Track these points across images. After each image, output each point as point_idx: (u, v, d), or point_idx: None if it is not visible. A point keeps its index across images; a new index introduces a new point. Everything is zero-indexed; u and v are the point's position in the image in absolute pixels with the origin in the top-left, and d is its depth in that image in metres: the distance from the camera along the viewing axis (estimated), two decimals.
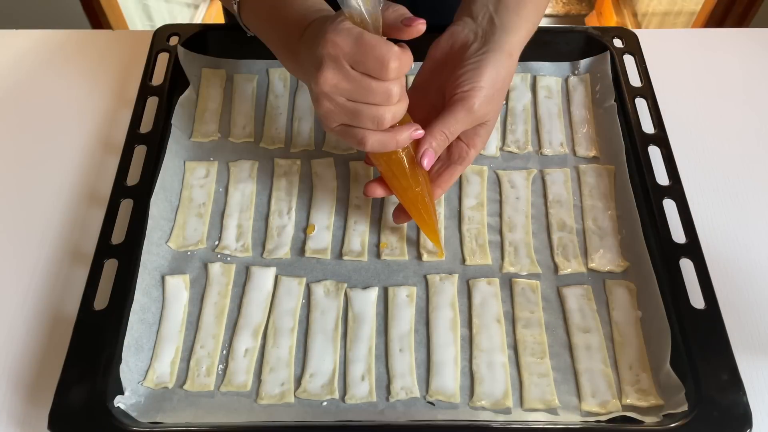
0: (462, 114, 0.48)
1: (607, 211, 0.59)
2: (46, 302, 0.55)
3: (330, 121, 0.46)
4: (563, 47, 0.69)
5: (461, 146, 0.53)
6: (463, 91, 0.48)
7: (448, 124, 0.48)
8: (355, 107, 0.44)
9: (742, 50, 0.74)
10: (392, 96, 0.44)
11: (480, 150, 0.53)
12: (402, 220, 0.56)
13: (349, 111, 0.45)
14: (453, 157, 0.54)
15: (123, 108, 0.68)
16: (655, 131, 0.61)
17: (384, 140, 0.46)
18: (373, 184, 0.53)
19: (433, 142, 0.48)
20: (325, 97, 0.45)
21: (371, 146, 0.46)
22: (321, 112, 0.46)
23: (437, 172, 0.54)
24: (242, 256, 0.56)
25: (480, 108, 0.48)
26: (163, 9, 2.00)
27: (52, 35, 0.76)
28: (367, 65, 0.42)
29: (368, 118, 0.45)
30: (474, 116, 0.49)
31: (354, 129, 0.46)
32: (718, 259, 0.56)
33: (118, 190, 0.56)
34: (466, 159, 0.53)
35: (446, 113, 0.48)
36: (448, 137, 0.49)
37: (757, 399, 0.49)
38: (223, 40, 0.69)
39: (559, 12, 2.35)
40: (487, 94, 0.48)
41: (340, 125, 0.46)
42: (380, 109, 0.44)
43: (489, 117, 0.51)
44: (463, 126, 0.49)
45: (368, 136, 0.46)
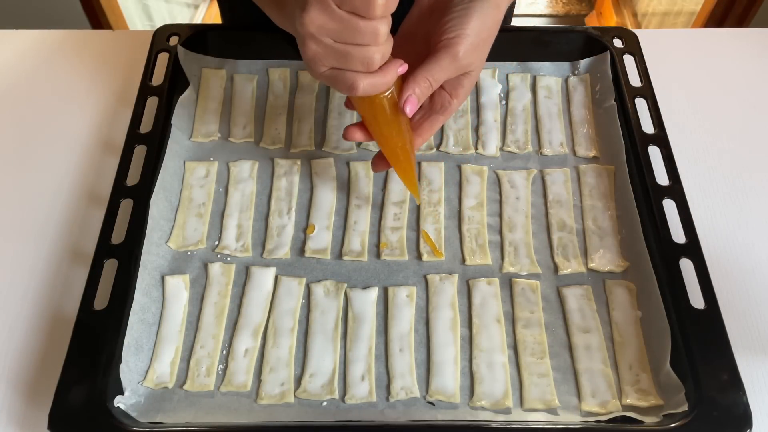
0: (446, 61, 0.48)
1: (607, 211, 0.59)
2: (46, 302, 0.55)
3: (317, 65, 0.45)
4: (563, 47, 0.69)
5: (444, 96, 0.52)
6: (448, 38, 0.48)
7: (432, 70, 0.48)
8: (343, 48, 0.43)
9: (742, 50, 0.74)
10: (380, 35, 0.43)
11: (463, 101, 0.52)
12: (380, 167, 0.55)
13: (337, 53, 0.44)
14: (435, 107, 0.53)
15: (123, 108, 0.68)
16: (655, 131, 0.61)
17: (374, 82, 0.45)
18: (352, 128, 0.52)
19: (416, 89, 0.48)
20: (312, 39, 0.44)
21: (363, 90, 0.45)
22: (308, 56, 0.45)
23: (418, 122, 0.53)
24: (242, 256, 0.56)
25: (465, 56, 0.48)
26: (163, 9, 2.00)
27: (52, 35, 0.76)
28: (353, 3, 0.41)
29: (357, 59, 0.44)
30: (458, 64, 0.48)
31: (343, 73, 0.45)
32: (718, 259, 0.56)
33: (118, 190, 0.56)
34: (448, 109, 0.52)
35: (430, 60, 0.48)
36: (432, 84, 0.48)
37: (757, 399, 0.49)
38: (223, 40, 0.69)
39: (559, 12, 2.35)
40: (472, 42, 0.48)
41: (328, 69, 0.45)
42: (369, 50, 0.43)
43: (473, 67, 0.50)
44: (447, 74, 0.48)
45: (359, 80, 0.44)
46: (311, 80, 0.68)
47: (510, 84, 0.68)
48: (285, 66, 0.68)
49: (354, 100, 0.50)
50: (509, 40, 0.69)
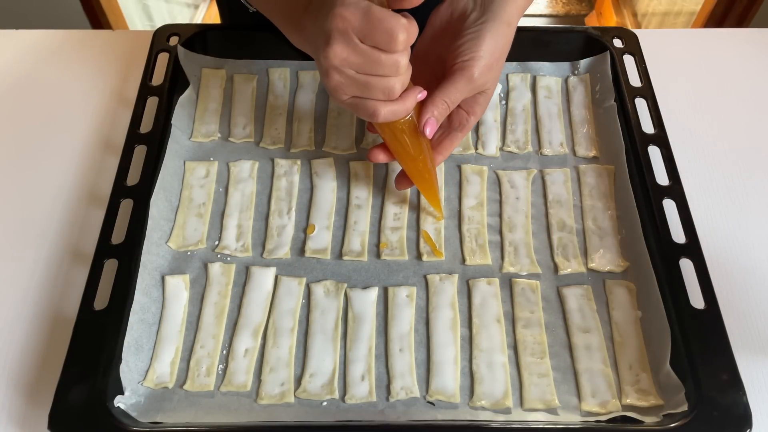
0: (462, 83, 0.50)
1: (607, 211, 0.59)
2: (46, 302, 0.55)
3: (340, 93, 0.47)
4: (563, 47, 0.69)
5: (461, 114, 0.54)
6: (463, 61, 0.49)
7: (449, 93, 0.50)
8: (365, 80, 0.45)
9: (742, 50, 0.74)
10: (401, 67, 0.45)
11: (479, 117, 0.54)
12: (404, 186, 0.58)
13: (359, 84, 0.46)
14: (453, 125, 0.55)
15: (123, 108, 0.68)
16: (655, 131, 0.61)
17: (395, 110, 0.47)
18: (376, 150, 0.54)
19: (435, 111, 0.50)
20: (335, 71, 0.45)
21: (384, 117, 0.47)
22: (331, 86, 0.46)
23: (438, 140, 0.56)
24: (242, 256, 0.56)
25: (480, 77, 0.50)
26: (163, 9, 2.00)
27: (52, 35, 0.76)
28: (375, 39, 0.43)
29: (379, 89, 0.46)
30: (474, 85, 0.50)
31: (365, 101, 0.47)
32: (718, 259, 0.56)
33: (118, 190, 0.56)
34: (466, 126, 0.55)
35: (447, 83, 0.50)
36: (449, 106, 0.51)
37: (757, 399, 0.49)
38: (223, 40, 0.69)
39: (559, 12, 2.35)
40: (486, 64, 0.50)
41: (350, 98, 0.47)
42: (390, 80, 0.45)
43: (488, 86, 0.52)
44: (463, 95, 0.51)
45: (380, 108, 0.47)
46: (311, 80, 0.68)
47: (510, 84, 0.68)
48: (285, 66, 0.68)
49: (376, 124, 0.51)
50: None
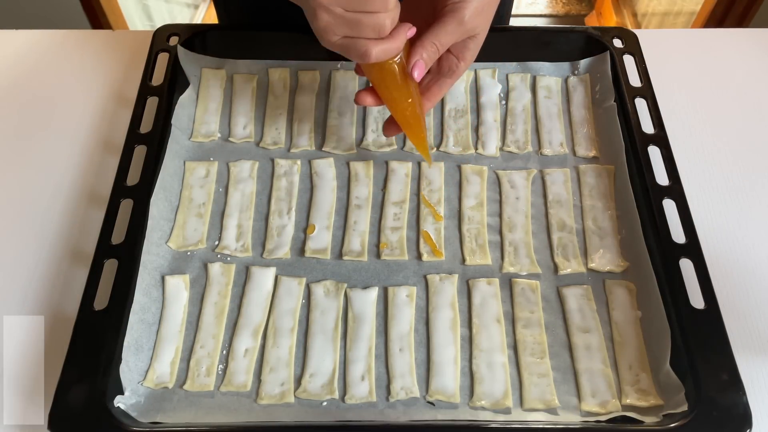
0: (452, 26, 0.49)
1: (607, 211, 0.59)
2: (46, 302, 0.55)
3: (329, 34, 0.46)
4: (563, 47, 0.69)
5: (451, 59, 0.53)
6: (453, 3, 0.49)
7: (438, 35, 0.49)
8: (354, 17, 0.44)
9: (742, 50, 0.74)
10: (390, 2, 0.44)
11: (469, 64, 0.53)
12: (392, 132, 0.57)
13: (348, 22, 0.45)
14: (443, 70, 0.54)
15: (123, 108, 0.68)
16: (655, 131, 0.61)
17: (386, 48, 0.46)
18: (363, 93, 0.53)
19: (423, 53, 0.49)
20: (323, 9, 0.44)
21: (376, 56, 0.46)
22: (320, 26, 0.45)
23: (426, 86, 0.55)
24: (242, 256, 0.56)
25: (470, 20, 0.49)
26: (163, 9, 2.00)
27: (52, 35, 0.76)
28: None
29: (369, 26, 0.45)
30: (464, 28, 0.49)
31: (356, 41, 0.46)
32: (718, 259, 0.56)
33: (118, 190, 0.56)
34: (455, 72, 0.54)
35: (437, 25, 0.49)
36: (439, 49, 0.50)
37: (757, 399, 0.49)
38: (223, 40, 0.69)
39: (559, 12, 2.35)
40: (477, 7, 0.49)
41: (340, 38, 0.46)
42: (380, 17, 0.44)
43: (479, 30, 0.51)
44: (453, 38, 0.50)
45: (371, 47, 0.46)
46: (311, 80, 0.68)
47: (510, 84, 0.68)
48: (285, 66, 0.68)
49: (364, 66, 0.51)
50: (509, 40, 0.69)
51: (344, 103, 0.66)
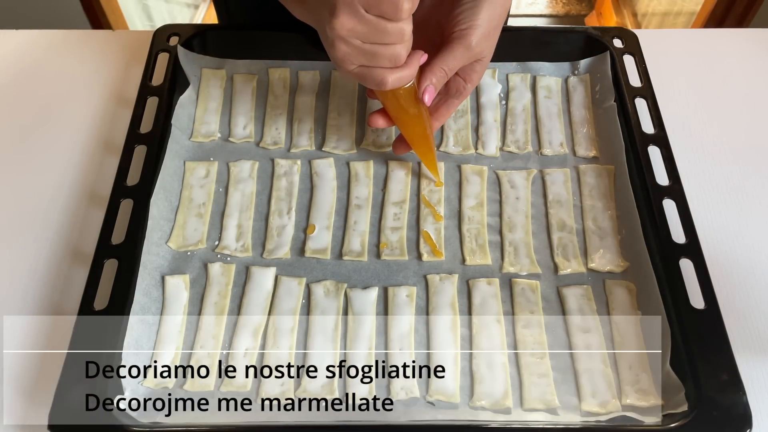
0: (460, 51, 0.51)
1: (607, 211, 0.59)
2: (46, 302, 0.55)
3: (347, 64, 0.48)
4: (563, 47, 0.69)
5: (458, 81, 0.55)
6: (460, 30, 0.51)
7: (446, 61, 0.51)
8: (372, 49, 0.46)
9: (742, 50, 0.74)
10: (406, 34, 0.46)
11: (476, 84, 0.56)
12: (401, 150, 0.60)
13: (366, 53, 0.47)
14: (450, 92, 0.56)
15: (123, 108, 0.68)
16: (655, 131, 0.61)
17: (401, 76, 0.49)
18: (376, 115, 0.56)
19: (433, 79, 0.51)
20: (342, 41, 0.46)
21: (392, 84, 0.49)
22: (338, 56, 0.47)
23: (435, 106, 0.57)
24: (242, 256, 0.56)
25: (477, 45, 0.51)
26: (163, 9, 2.00)
27: (52, 35, 0.76)
28: (381, 8, 0.44)
29: (385, 57, 0.47)
30: (472, 53, 0.51)
31: (372, 70, 0.48)
32: (718, 259, 0.56)
33: (118, 190, 0.56)
34: (463, 93, 0.56)
35: (445, 51, 0.51)
36: (447, 74, 0.52)
37: (757, 399, 0.49)
38: (223, 40, 0.69)
39: (559, 12, 2.35)
40: (483, 32, 0.51)
41: (357, 67, 0.48)
42: (396, 48, 0.47)
43: (485, 54, 0.53)
44: (460, 63, 0.52)
45: (387, 76, 0.48)
46: (311, 80, 0.68)
47: (510, 84, 0.68)
48: (285, 66, 0.68)
49: (377, 91, 0.53)
50: (509, 40, 0.69)
51: (344, 103, 0.66)
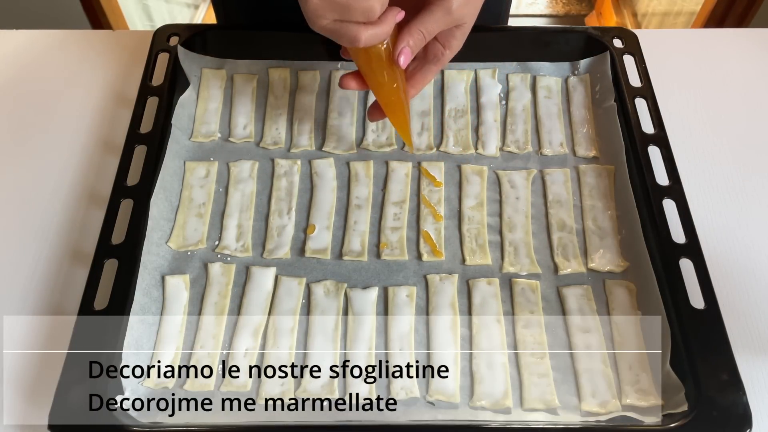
0: (440, 14, 0.49)
1: (607, 211, 0.59)
2: (46, 302, 0.55)
3: (319, 18, 0.46)
4: (563, 47, 0.69)
5: (437, 46, 0.53)
6: None
7: (425, 23, 0.49)
8: (344, 0, 0.44)
9: (742, 50, 0.74)
10: None
11: (455, 52, 0.54)
12: (376, 116, 0.57)
13: (338, 5, 0.44)
14: (428, 57, 0.54)
15: (123, 108, 0.68)
16: (655, 131, 0.61)
17: (375, 33, 0.47)
18: (348, 77, 0.54)
19: (410, 41, 0.49)
20: None
21: (365, 41, 0.46)
22: (310, 9, 0.45)
23: (412, 72, 0.55)
24: (242, 256, 0.56)
25: (458, 9, 0.49)
26: (163, 9, 2.00)
27: (52, 35, 0.76)
28: None
29: (358, 10, 0.45)
30: (452, 17, 0.49)
31: (345, 25, 0.46)
32: (718, 259, 0.56)
33: (118, 190, 0.56)
34: (441, 59, 0.54)
35: (424, 13, 0.49)
36: (425, 36, 0.50)
37: (757, 399, 0.49)
38: (223, 40, 0.69)
39: (559, 12, 2.35)
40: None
41: (330, 22, 0.46)
42: (369, 1, 0.44)
43: (466, 19, 0.51)
44: (440, 26, 0.50)
45: (361, 32, 0.46)
46: (311, 80, 0.68)
47: (510, 84, 0.68)
48: (285, 66, 0.68)
49: (350, 50, 0.51)
50: (509, 40, 0.69)
51: (344, 103, 0.66)
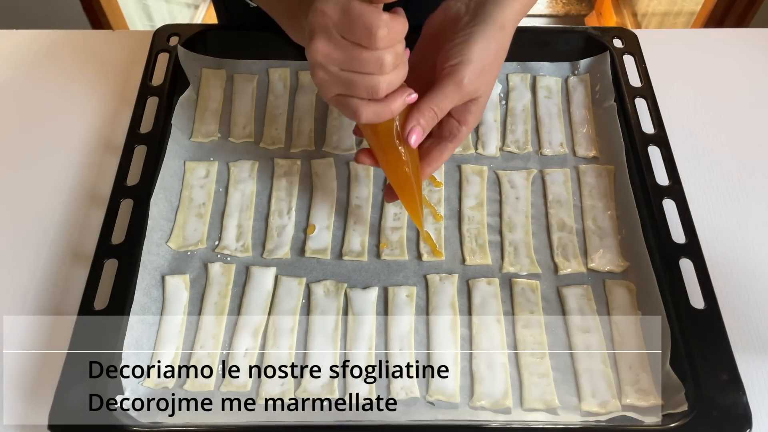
0: (451, 89, 0.47)
1: (607, 211, 0.59)
2: (46, 302, 0.55)
3: (326, 90, 0.45)
4: (563, 47, 0.69)
5: (452, 123, 0.51)
6: (451, 66, 0.47)
7: (436, 100, 0.47)
8: (348, 77, 0.44)
9: (742, 50, 0.74)
10: (385, 65, 0.42)
11: (472, 127, 0.51)
12: (392, 198, 0.54)
13: (342, 81, 0.44)
14: (444, 134, 0.51)
15: (123, 108, 0.68)
16: (655, 131, 0.61)
17: (378, 111, 0.45)
18: (362, 153, 0.52)
19: (421, 119, 0.47)
20: (319, 67, 0.44)
21: (366, 118, 0.45)
22: (317, 82, 0.45)
23: (427, 149, 0.52)
24: (242, 256, 0.56)
25: (470, 83, 0.47)
26: (163, 9, 2.00)
27: (52, 35, 0.76)
28: (355, 34, 0.41)
29: (362, 87, 0.44)
30: (463, 91, 0.47)
31: (349, 99, 0.45)
32: (718, 259, 0.56)
33: (118, 190, 0.56)
34: (457, 136, 0.51)
35: (435, 89, 0.47)
36: (437, 114, 0.48)
37: (757, 399, 0.49)
38: (223, 40, 0.69)
39: (559, 12, 2.35)
40: (476, 68, 0.47)
41: (335, 95, 0.46)
42: (374, 78, 0.43)
43: (480, 93, 0.49)
44: (452, 102, 0.48)
45: (362, 108, 0.45)
46: (311, 80, 0.67)
47: (510, 84, 0.68)
48: (285, 66, 0.68)
49: (360, 126, 0.50)
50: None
51: None
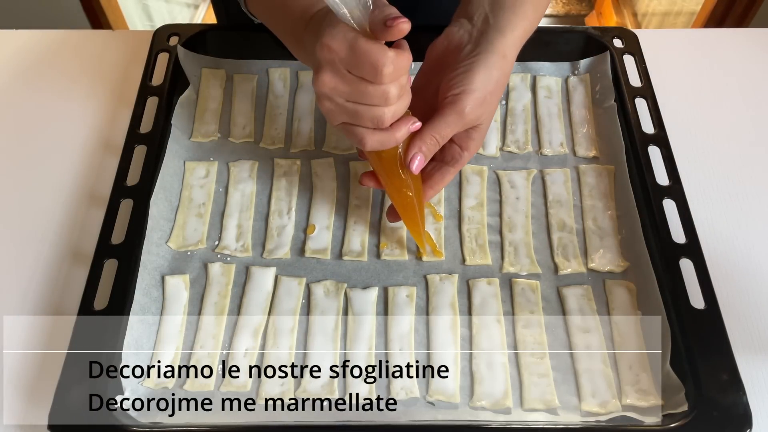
0: (453, 117, 0.48)
1: (607, 211, 0.59)
2: (46, 302, 0.55)
3: (332, 119, 0.47)
4: (563, 47, 0.69)
5: (454, 148, 0.52)
6: (453, 95, 0.48)
7: (438, 128, 0.48)
8: (354, 108, 0.45)
9: (742, 50, 0.74)
10: (390, 98, 0.44)
11: (474, 153, 0.53)
12: (394, 218, 0.56)
13: (348, 111, 0.45)
14: (446, 159, 0.53)
15: (123, 108, 0.68)
16: (655, 131, 0.61)
17: (383, 140, 0.47)
18: (366, 176, 0.54)
19: (422, 147, 0.49)
20: (326, 98, 0.46)
21: (371, 146, 0.47)
22: (323, 111, 0.47)
23: (429, 173, 0.54)
24: (242, 256, 0.56)
25: (471, 111, 0.48)
26: (163, 9, 2.00)
27: (52, 35, 0.76)
28: (361, 70, 0.43)
29: (368, 118, 0.45)
30: (465, 120, 0.48)
31: (354, 128, 0.46)
32: (718, 259, 0.56)
33: (118, 190, 0.56)
34: (459, 161, 0.53)
35: (437, 117, 0.48)
36: (439, 141, 0.49)
37: (757, 399, 0.49)
38: (223, 40, 0.69)
39: (559, 12, 2.35)
40: (478, 97, 0.48)
41: (342, 123, 0.47)
42: (379, 110, 0.45)
43: (482, 120, 0.50)
44: (454, 130, 0.49)
45: (368, 136, 0.46)
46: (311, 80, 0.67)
47: (510, 84, 0.68)
48: (285, 66, 0.68)
49: (366, 153, 0.51)
50: None
51: None
